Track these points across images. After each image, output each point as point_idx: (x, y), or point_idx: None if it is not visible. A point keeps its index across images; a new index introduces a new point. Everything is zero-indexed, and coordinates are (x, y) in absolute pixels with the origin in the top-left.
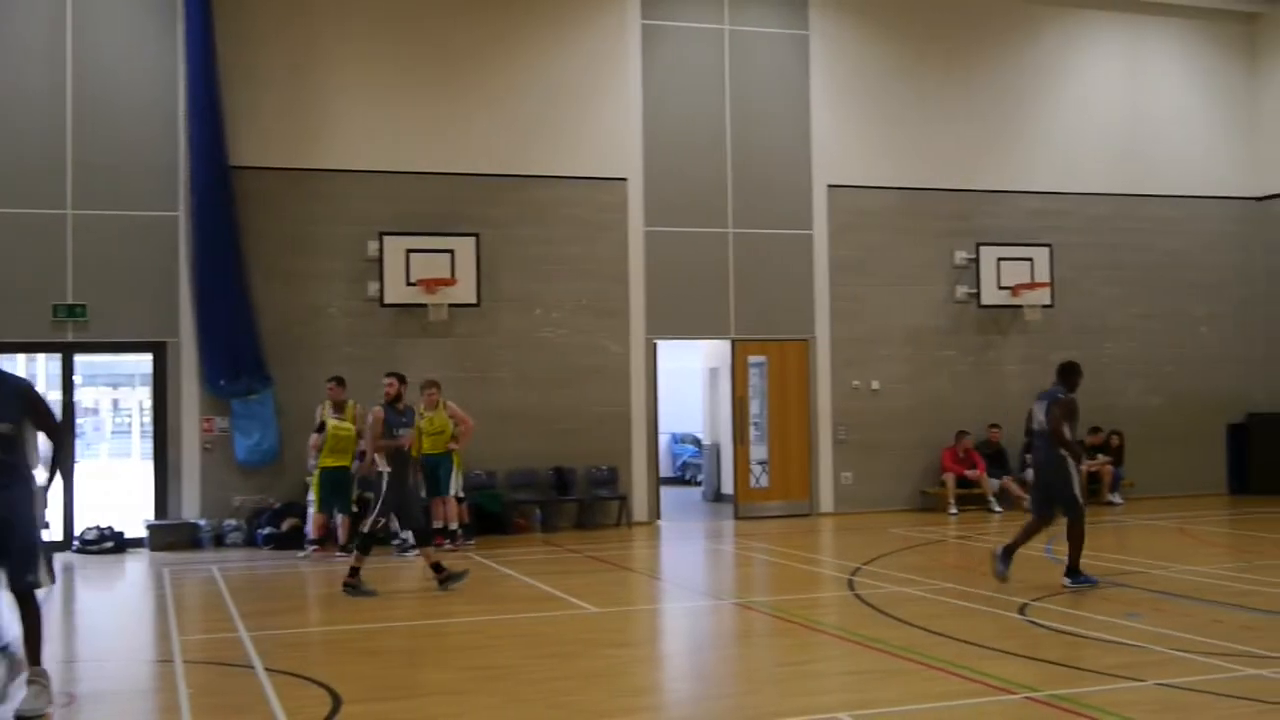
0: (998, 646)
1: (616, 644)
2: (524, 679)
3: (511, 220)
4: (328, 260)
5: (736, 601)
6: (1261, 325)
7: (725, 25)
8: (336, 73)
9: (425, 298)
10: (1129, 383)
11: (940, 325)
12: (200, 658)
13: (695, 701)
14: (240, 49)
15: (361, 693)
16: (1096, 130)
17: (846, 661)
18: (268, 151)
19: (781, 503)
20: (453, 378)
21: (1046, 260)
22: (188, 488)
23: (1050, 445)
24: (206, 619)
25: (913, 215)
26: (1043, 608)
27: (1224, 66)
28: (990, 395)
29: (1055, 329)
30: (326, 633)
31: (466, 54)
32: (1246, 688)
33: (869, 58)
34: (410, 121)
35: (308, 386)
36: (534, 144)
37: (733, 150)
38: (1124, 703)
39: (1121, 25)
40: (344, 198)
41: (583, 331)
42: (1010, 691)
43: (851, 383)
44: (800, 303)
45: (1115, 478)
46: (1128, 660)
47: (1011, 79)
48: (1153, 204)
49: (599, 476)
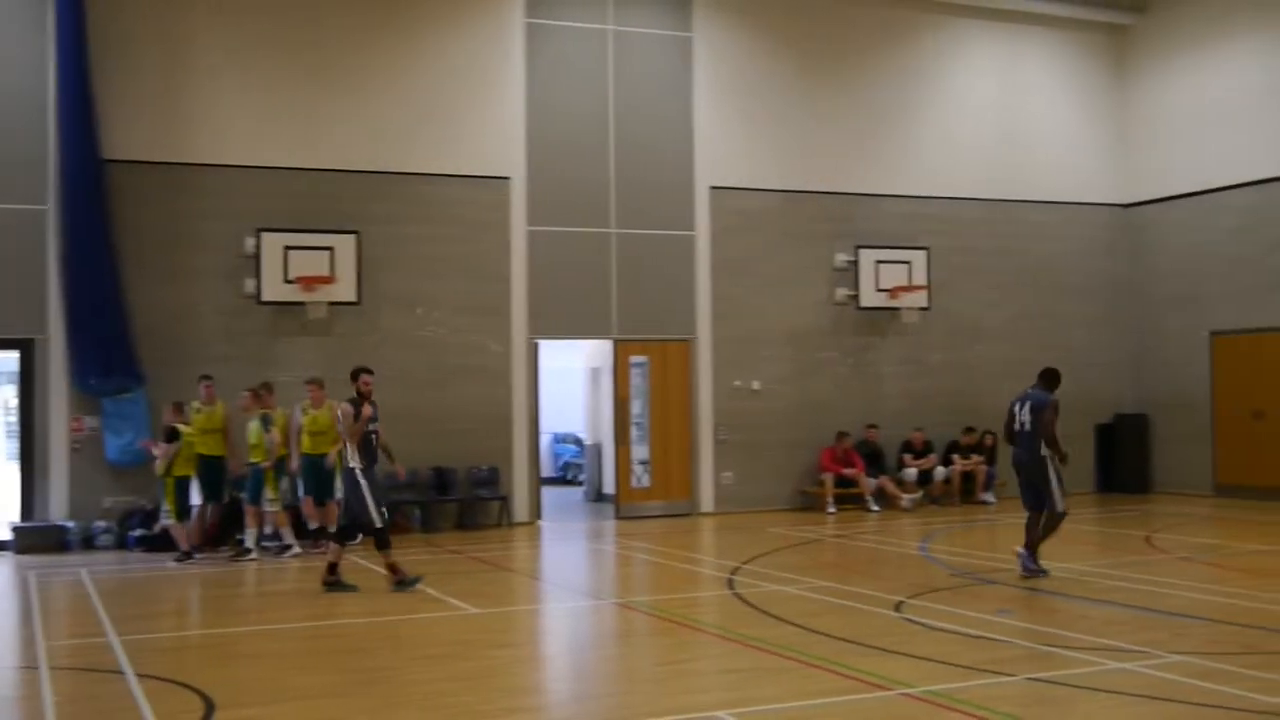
0: (874, 644)
1: (497, 645)
2: (402, 681)
3: (393, 218)
4: (203, 256)
5: (617, 601)
6: (1129, 328)
7: (609, 25)
8: (213, 65)
9: (304, 296)
10: (1002, 384)
11: (820, 326)
12: (68, 664)
13: (576, 701)
14: (113, 38)
15: (235, 697)
16: (972, 136)
17: (726, 660)
18: (141, 144)
19: (663, 502)
20: (332, 377)
21: (924, 263)
22: (55, 488)
23: (1034, 446)
24: (74, 624)
25: (794, 217)
26: (918, 605)
27: (1094, 76)
28: (869, 396)
29: (932, 331)
30: (200, 637)
31: (347, 49)
32: (1112, 681)
33: (751, 61)
34: (289, 116)
35: (182, 385)
36: (416, 141)
37: (616, 151)
38: (996, 697)
39: (996, 34)
40: (220, 193)
41: (464, 331)
42: (886, 688)
43: (732, 383)
44: (682, 303)
45: (988, 477)
46: (999, 656)
47: (891, 84)
48: (1026, 209)
49: (480, 476)
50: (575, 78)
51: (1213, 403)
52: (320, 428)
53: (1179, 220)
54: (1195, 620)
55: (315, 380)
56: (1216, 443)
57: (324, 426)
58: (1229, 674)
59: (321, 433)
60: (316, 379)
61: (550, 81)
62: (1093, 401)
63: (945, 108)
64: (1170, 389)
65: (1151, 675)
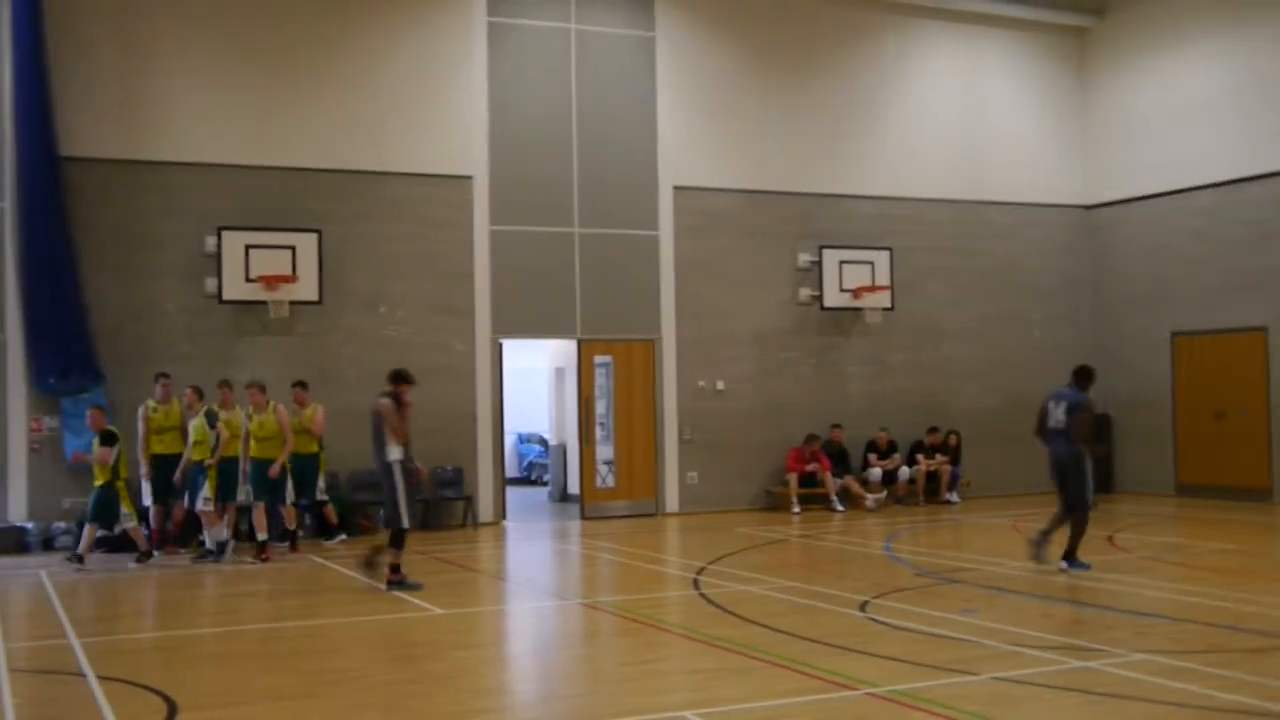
0: (840, 643)
1: (462, 646)
2: (366, 683)
3: (355, 216)
4: (163, 255)
5: (582, 602)
6: (1090, 329)
7: (571, 25)
8: (173, 61)
9: (265, 295)
10: (966, 384)
11: (784, 327)
12: (27, 666)
13: (542, 702)
14: (70, 34)
15: (198, 699)
16: (935, 137)
17: (691, 660)
18: (100, 142)
19: (627, 503)
20: (294, 377)
21: (887, 263)
22: (14, 489)
23: (1069, 442)
24: (34, 626)
25: (757, 217)
26: (883, 605)
27: (1056, 78)
28: (833, 396)
29: (895, 331)
30: (162, 638)
31: (308, 46)
32: (1075, 680)
33: (714, 61)
34: (250, 113)
35: (142, 384)
36: (378, 139)
37: (579, 150)
38: (960, 696)
39: (958, 36)
40: (180, 191)
41: (427, 330)
42: (851, 688)
43: (697, 383)
44: (646, 303)
45: (953, 477)
46: (964, 655)
47: (854, 85)
48: (989, 210)
49: (444, 477)
50: (538, 77)
51: (1174, 403)
52: (268, 433)
53: (1141, 221)
54: (1158, 619)
55: (255, 384)
56: (1178, 443)
57: (271, 432)
58: (1192, 672)
59: (269, 438)
60: (257, 382)
61: (513, 80)
62: None
63: (908, 109)
64: (1132, 389)
65: (1115, 674)
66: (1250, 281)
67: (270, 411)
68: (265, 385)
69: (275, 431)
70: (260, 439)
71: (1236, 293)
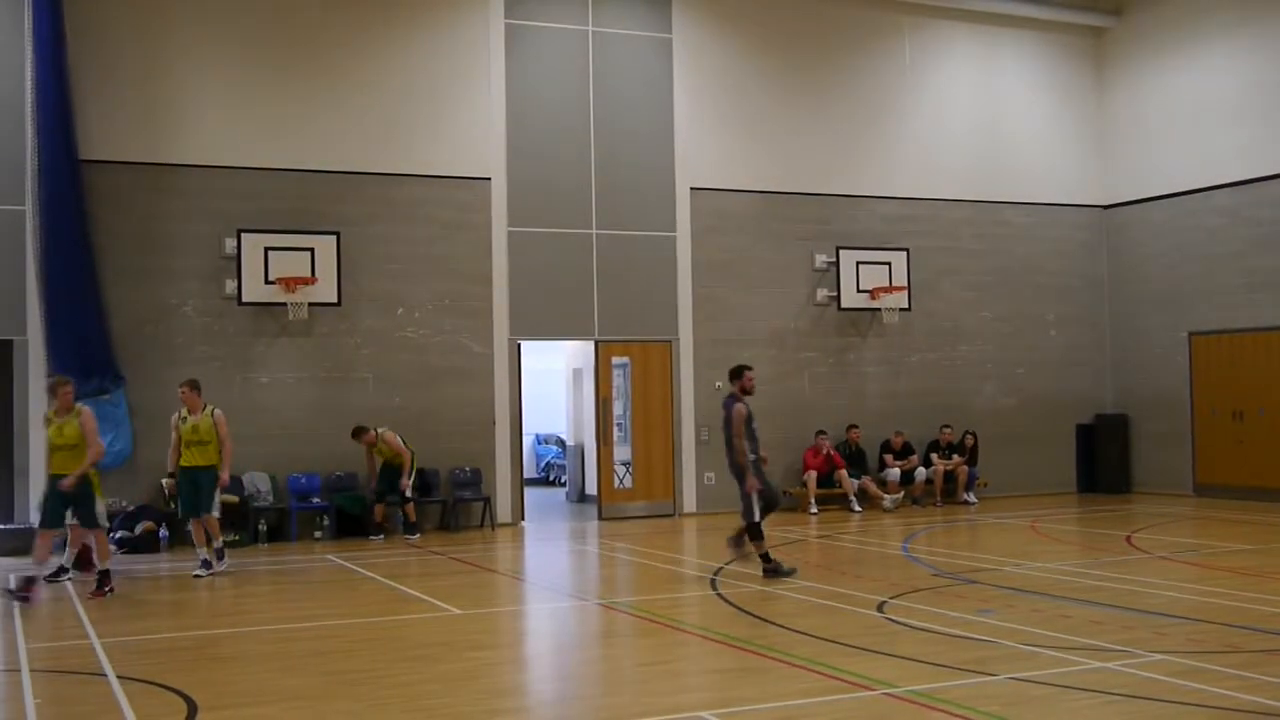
0: (857, 644)
1: (480, 646)
2: (385, 683)
3: (373, 218)
4: (183, 258)
5: (600, 602)
6: (1108, 329)
7: (589, 27)
8: (192, 66)
9: (284, 296)
10: (983, 384)
11: (801, 327)
12: (49, 666)
13: (559, 703)
14: (91, 39)
15: (217, 699)
16: (952, 137)
17: (709, 660)
18: (120, 145)
19: (645, 503)
20: (313, 378)
21: (904, 264)
22: (35, 491)
23: None
24: (56, 626)
25: (774, 218)
26: (900, 605)
27: (1073, 79)
28: (850, 396)
29: (912, 331)
30: (182, 638)
31: (327, 49)
32: (1093, 680)
33: (731, 62)
34: (269, 117)
35: (162, 386)
36: (397, 142)
37: (596, 151)
38: (978, 697)
39: (976, 36)
40: (200, 194)
41: (445, 332)
42: (869, 688)
43: (714, 384)
44: (663, 304)
45: (970, 477)
46: (981, 655)
47: (871, 86)
48: (1006, 210)
49: (462, 478)
50: (555, 78)
51: (1192, 403)
52: (201, 437)
53: (1158, 221)
54: (1176, 619)
55: (189, 382)
56: (1196, 443)
57: (205, 435)
58: (1211, 673)
59: (204, 443)
60: (191, 380)
61: (530, 82)
62: (1073, 402)
63: (925, 109)
64: (1150, 389)
65: (1133, 674)
66: (1268, 281)
67: (206, 413)
68: (199, 383)
69: (211, 436)
70: (193, 444)
71: (1255, 292)
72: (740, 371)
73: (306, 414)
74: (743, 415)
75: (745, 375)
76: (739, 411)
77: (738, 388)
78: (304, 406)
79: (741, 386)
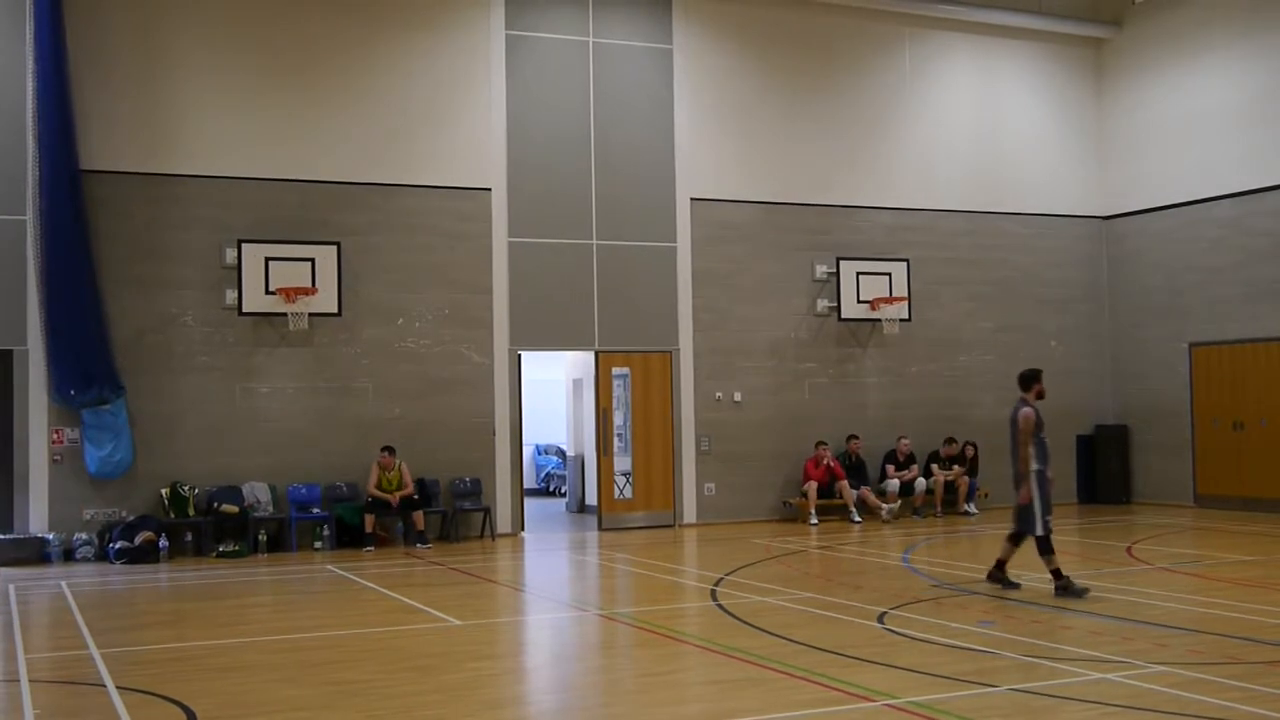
0: (857, 655)
1: (479, 657)
2: (383, 694)
3: (374, 229)
4: (183, 267)
5: (600, 613)
6: (1107, 340)
7: (589, 37)
8: (192, 76)
9: (285, 306)
10: (983, 395)
11: (801, 338)
12: (48, 676)
13: (559, 713)
14: (92, 49)
15: (216, 710)
16: (952, 148)
17: (709, 671)
18: (120, 155)
19: (645, 514)
20: (313, 388)
21: (904, 274)
22: (35, 501)
23: None
24: (55, 636)
25: (774, 229)
26: (901, 616)
27: (1073, 89)
28: (850, 407)
29: (912, 342)
30: (181, 649)
31: (327, 59)
32: (1095, 691)
33: (731, 73)
34: (269, 127)
35: (162, 396)
36: (397, 152)
37: (597, 162)
38: (978, 708)
39: (975, 47)
40: (200, 204)
41: (445, 342)
42: (870, 699)
43: (714, 394)
44: (664, 315)
45: (970, 488)
46: (982, 666)
47: (870, 96)
48: (1005, 221)
49: (462, 488)
50: (555, 89)
51: (1192, 414)
52: None
53: (1158, 232)
54: (1177, 630)
55: None
56: (1196, 454)
57: None
58: (1211, 684)
59: None
60: None
61: (530, 93)
62: (1073, 413)
63: (925, 120)
64: (1150, 400)
65: (1134, 685)
66: (1269, 291)
67: None
68: None
69: None
70: None
71: (1255, 303)
72: (1036, 376)
73: (307, 424)
74: (1031, 420)
75: (1039, 381)
76: (1027, 415)
77: (1033, 394)
78: (304, 416)
79: (1037, 393)
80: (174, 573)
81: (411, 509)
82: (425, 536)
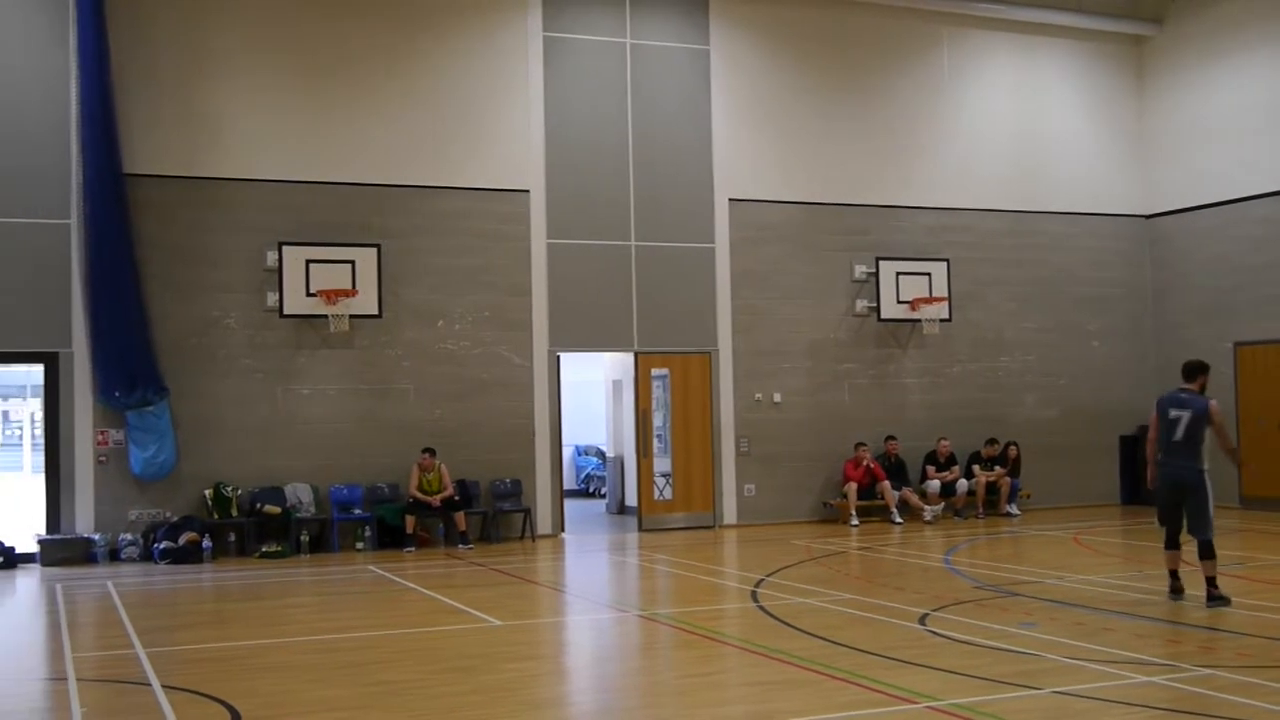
0: (899, 656)
1: (520, 657)
2: (425, 694)
3: (414, 231)
4: (225, 270)
5: (641, 614)
6: (1150, 339)
7: (627, 39)
8: (234, 80)
9: (326, 309)
10: (1025, 395)
11: (841, 338)
12: (95, 675)
13: (599, 714)
14: (135, 54)
15: (260, 710)
16: (992, 147)
17: (750, 673)
18: (163, 159)
19: (685, 515)
20: (354, 390)
21: (944, 274)
22: (81, 502)
23: None
24: (101, 636)
25: (813, 229)
26: (942, 618)
27: (1114, 87)
28: (890, 408)
29: (952, 342)
30: (224, 649)
31: (367, 63)
32: (1138, 694)
33: (769, 74)
34: (310, 130)
35: (205, 398)
36: (436, 154)
37: (635, 163)
38: (1021, 710)
39: (1015, 46)
40: (242, 207)
41: (485, 344)
42: (912, 701)
43: (753, 395)
44: (702, 316)
45: (1012, 489)
46: (1024, 669)
47: (909, 96)
48: (1047, 220)
49: (503, 489)
50: (593, 91)
51: (1238, 414)
52: None
53: (1201, 231)
54: (1223, 633)
55: None
56: (1242, 454)
57: None
58: (1258, 688)
59: None
60: None
61: (568, 94)
62: (1116, 413)
63: (964, 119)
64: None
65: (1179, 689)
66: None
67: None
68: None
69: None
70: None
71: None
72: (1205, 368)
73: (348, 425)
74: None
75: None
76: (1215, 408)
77: (1198, 385)
78: (345, 418)
79: (1201, 385)
80: (217, 573)
81: (452, 510)
82: (467, 537)
